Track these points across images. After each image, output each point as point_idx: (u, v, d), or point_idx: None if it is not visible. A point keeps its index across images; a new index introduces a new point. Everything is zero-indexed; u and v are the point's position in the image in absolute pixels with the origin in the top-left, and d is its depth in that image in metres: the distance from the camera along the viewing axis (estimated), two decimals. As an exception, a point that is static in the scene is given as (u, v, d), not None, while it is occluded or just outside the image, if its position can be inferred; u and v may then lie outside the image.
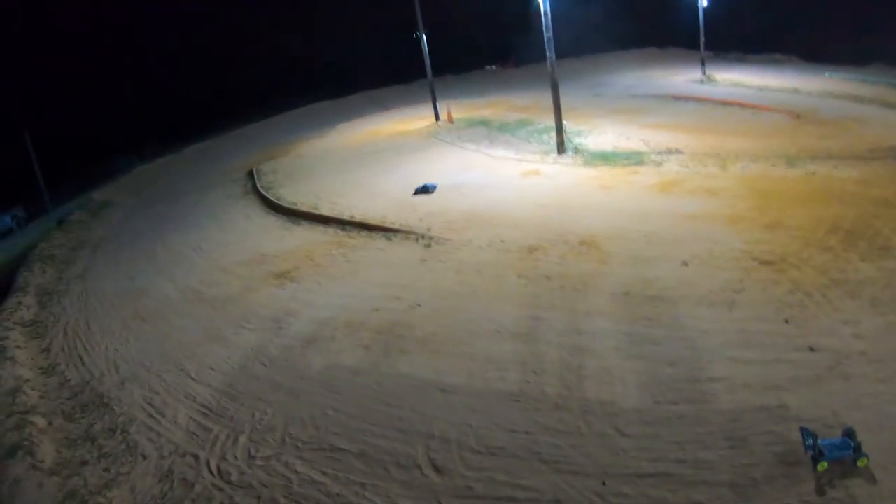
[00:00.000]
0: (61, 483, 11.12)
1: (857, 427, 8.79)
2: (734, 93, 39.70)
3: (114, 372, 14.99)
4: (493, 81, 59.69)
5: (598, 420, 10.15)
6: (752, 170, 21.99)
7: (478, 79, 64.03)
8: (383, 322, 14.47)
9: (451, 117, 39.64)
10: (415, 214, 21.25)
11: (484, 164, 27.29)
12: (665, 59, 59.04)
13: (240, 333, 15.41)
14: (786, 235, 16.05)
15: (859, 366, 10.60)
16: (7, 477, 11.39)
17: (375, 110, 52.22)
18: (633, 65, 57.12)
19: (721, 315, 12.72)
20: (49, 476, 11.34)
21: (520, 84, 52.51)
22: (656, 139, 27.97)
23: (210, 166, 42.10)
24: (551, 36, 25.76)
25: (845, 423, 9.02)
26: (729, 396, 10.26)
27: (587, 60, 59.94)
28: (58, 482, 11.15)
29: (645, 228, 17.49)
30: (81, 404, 13.89)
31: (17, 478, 11.31)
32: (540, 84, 39.24)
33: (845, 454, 8.49)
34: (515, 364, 12.03)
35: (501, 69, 66.84)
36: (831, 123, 28.92)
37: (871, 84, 40.43)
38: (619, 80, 50.01)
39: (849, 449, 8.51)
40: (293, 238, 21.81)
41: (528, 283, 15.24)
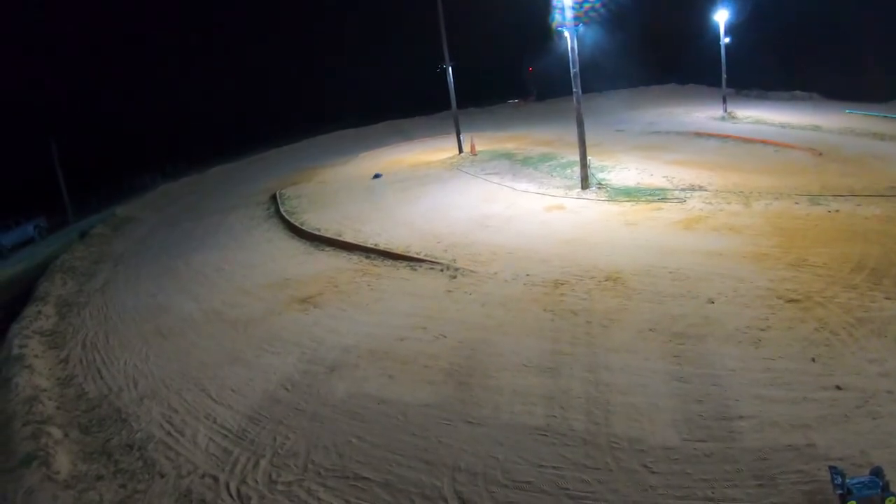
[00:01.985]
0: (76, 497, 11.20)
1: (885, 466, 8.76)
2: (756, 130, 39.80)
3: (132, 387, 15.14)
4: (515, 115, 60.25)
5: (625, 456, 10.15)
6: (775, 207, 22.01)
7: (500, 112, 64.64)
8: (408, 352, 14.56)
9: (474, 149, 40.01)
10: (439, 245, 21.44)
11: (508, 198, 27.47)
12: (686, 95, 59.33)
13: (262, 356, 15.54)
14: (810, 273, 16.05)
15: (886, 405, 10.56)
16: (21, 486, 11.45)
17: (399, 140, 52.87)
18: (654, 101, 57.43)
19: (747, 353, 12.70)
20: (64, 489, 11.41)
21: (541, 118, 53.00)
22: (679, 175, 28.07)
23: (234, 188, 42.66)
24: (577, 71, 26.05)
25: (873, 462, 9.00)
26: (757, 435, 10.23)
27: (609, 96, 60.39)
28: (73, 496, 11.23)
29: (670, 265, 17.53)
30: (99, 418, 14.01)
31: (31, 488, 11.37)
32: (561, 118, 39.68)
33: (874, 493, 8.44)
34: (542, 398, 12.06)
35: (523, 103, 67.47)
36: (853, 161, 28.92)
37: (892, 121, 40.38)
38: (641, 115, 50.26)
39: (877, 488, 8.47)
40: (316, 264, 22.02)
41: (555, 317, 15.30)
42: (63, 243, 35.40)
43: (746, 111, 47.69)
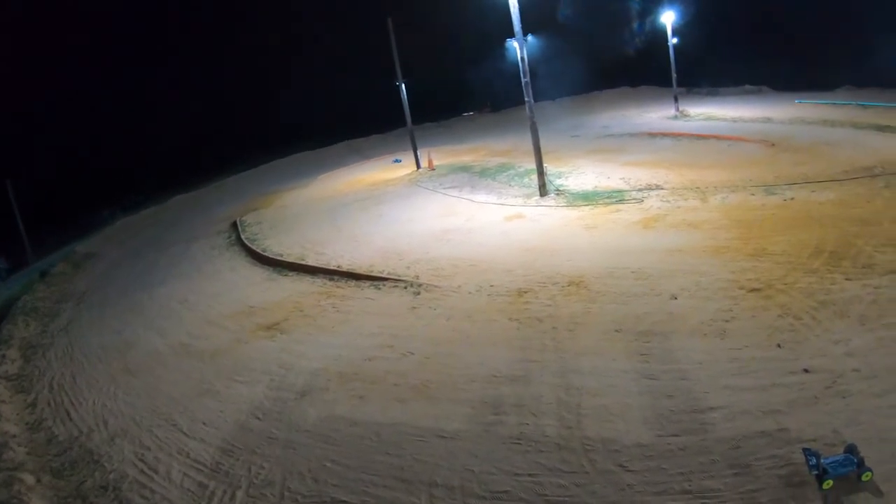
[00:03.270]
0: (53, 542, 10.93)
1: (858, 442, 8.99)
2: (708, 126, 40.73)
3: (103, 427, 14.85)
4: (471, 127, 60.78)
5: (600, 457, 10.20)
6: (731, 200, 22.47)
7: (456, 125, 65.18)
8: (377, 371, 14.52)
9: (431, 164, 40.29)
10: (402, 262, 21.46)
11: (467, 210, 27.65)
12: (638, 97, 60.36)
13: (231, 386, 15.37)
14: (770, 262, 16.40)
15: (854, 383, 10.81)
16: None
17: (357, 159, 53.08)
18: (607, 105, 58.38)
19: (714, 345, 12.90)
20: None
21: (498, 129, 53.54)
22: (636, 176, 28.51)
23: (194, 217, 42.34)
24: (529, 81, 26.37)
25: (846, 440, 9.22)
26: (729, 424, 10.37)
27: (562, 103, 61.23)
28: (49, 541, 10.97)
29: (631, 265, 17.75)
30: (71, 461, 13.70)
31: (7, 538, 11.09)
32: (517, 128, 40.11)
33: (849, 470, 8.64)
34: (513, 407, 12.08)
35: (479, 115, 68.03)
36: (805, 149, 29.67)
37: (840, 108, 41.58)
38: (595, 120, 51.05)
39: (852, 465, 8.67)
40: (281, 289, 21.90)
41: (520, 326, 15.37)
42: (24, 284, 34.83)
43: (698, 108, 48.75)
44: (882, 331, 12.32)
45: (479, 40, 52.32)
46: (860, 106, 41.45)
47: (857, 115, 37.90)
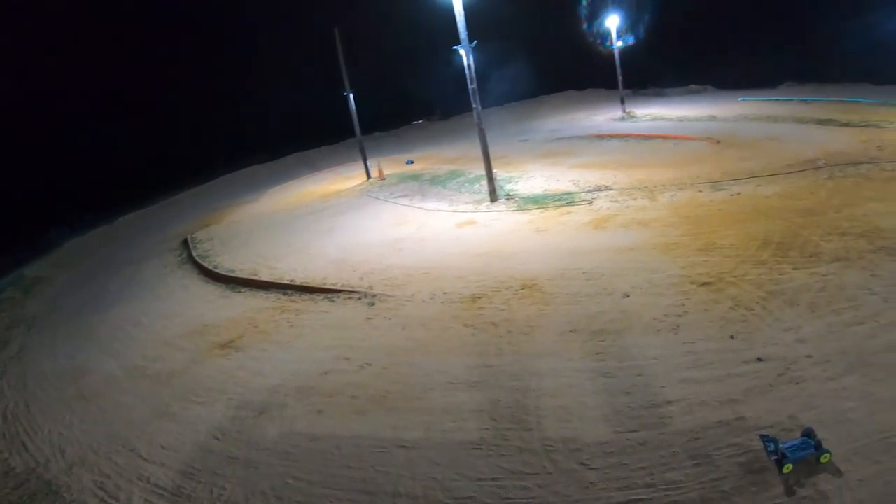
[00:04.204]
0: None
1: (815, 426, 9.35)
2: (655, 126, 41.50)
3: (60, 457, 14.48)
4: (421, 136, 60.97)
5: (562, 457, 10.32)
6: (679, 198, 22.94)
7: (405, 134, 65.31)
8: (335, 384, 14.44)
9: (382, 174, 40.28)
10: (355, 274, 21.38)
11: (419, 219, 27.67)
12: (585, 100, 61.26)
13: (189, 408, 15.12)
14: (720, 256, 16.83)
15: (807, 368, 11.19)
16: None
17: (307, 172, 52.79)
18: (555, 109, 59.09)
19: (668, 340, 13.16)
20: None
21: (448, 136, 53.82)
22: (585, 178, 28.90)
23: (144, 236, 41.56)
24: (476, 87, 26.57)
25: (803, 425, 9.56)
26: (687, 417, 10.59)
27: (511, 108, 61.83)
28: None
29: (583, 266, 17.99)
30: (29, 493, 13.30)
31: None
32: (466, 134, 40.44)
33: (808, 453, 8.94)
34: (472, 413, 12.14)
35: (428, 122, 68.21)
36: (750, 145, 30.50)
37: (783, 103, 42.93)
38: (544, 124, 51.65)
39: (810, 448, 8.98)
40: (234, 306, 21.64)
41: (476, 331, 15.44)
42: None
43: (645, 109, 49.67)
44: (831, 317, 12.80)
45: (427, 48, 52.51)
46: (802, 101, 42.85)
47: (800, 110, 39.20)
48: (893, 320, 12.44)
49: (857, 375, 10.85)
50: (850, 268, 14.88)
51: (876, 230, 16.97)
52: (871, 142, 27.52)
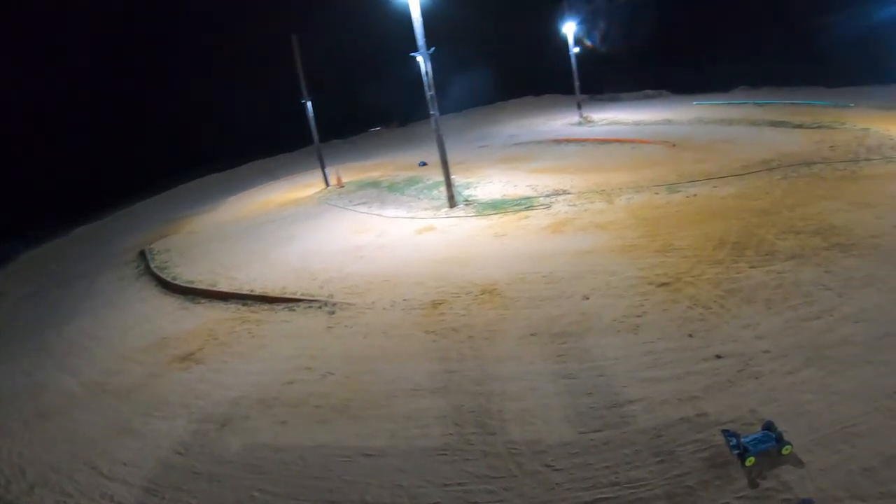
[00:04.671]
0: None
1: (775, 419, 9.63)
2: (612, 130, 42.22)
3: (20, 477, 14.09)
4: (379, 143, 60.98)
5: (527, 460, 10.38)
6: (636, 200, 23.32)
7: (363, 141, 65.24)
8: (297, 394, 14.33)
9: (340, 182, 40.19)
10: (315, 282, 21.25)
11: (378, 226, 27.63)
12: (543, 105, 61.91)
13: (150, 423, 14.85)
14: (677, 256, 17.16)
15: (766, 363, 11.50)
16: None
17: (265, 180, 52.30)
18: (513, 114, 59.58)
19: (628, 340, 13.35)
20: None
21: (405, 143, 53.92)
22: (543, 183, 29.17)
23: (101, 248, 40.77)
24: (433, 94, 26.69)
25: (763, 418, 9.81)
26: (649, 415, 10.75)
27: (469, 114, 62.16)
28: None
29: (543, 270, 18.16)
30: None
31: None
32: (424, 141, 40.47)
33: (769, 446, 9.18)
34: (436, 419, 12.15)
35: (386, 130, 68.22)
36: (705, 147, 31.16)
37: (737, 107, 43.99)
38: (502, 130, 52.05)
39: (771, 440, 9.21)
40: (194, 318, 21.34)
41: (437, 337, 15.46)
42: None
43: (601, 114, 50.41)
44: (788, 312, 13.18)
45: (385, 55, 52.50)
46: (756, 104, 43.96)
47: (753, 114, 40.35)
48: (848, 314, 12.86)
49: (814, 369, 11.17)
50: (804, 265, 15.30)
51: (829, 227, 17.49)
52: (823, 142, 28.37)
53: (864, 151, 26.08)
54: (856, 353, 11.51)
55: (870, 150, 26.24)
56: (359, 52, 63.06)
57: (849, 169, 23.65)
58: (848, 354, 11.49)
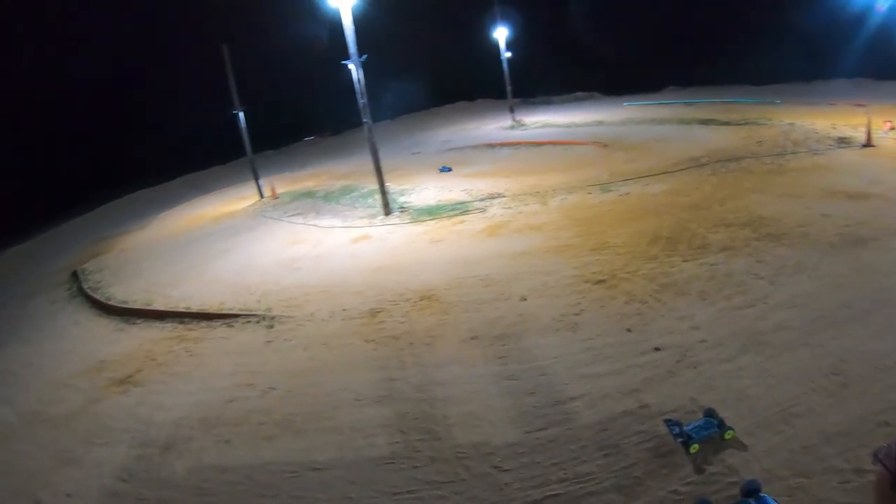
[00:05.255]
0: None
1: (716, 405, 9.93)
2: (544, 133, 42.98)
3: None
4: (313, 152, 60.50)
5: (475, 463, 10.43)
6: (570, 201, 23.79)
7: (297, 151, 64.69)
8: (240, 412, 14.12)
9: (274, 193, 39.76)
10: (252, 296, 21.00)
11: (314, 236, 27.46)
12: (476, 110, 62.49)
13: (92, 451, 14.41)
14: (612, 254, 17.57)
15: (703, 353, 11.86)
16: None
17: (198, 194, 51.31)
18: (446, 120, 59.97)
19: (567, 338, 13.57)
20: None
21: (339, 152, 53.70)
22: (478, 187, 29.49)
23: (29, 271, 39.37)
24: (366, 101, 26.73)
25: (704, 405, 10.10)
26: (592, 410, 10.93)
27: (402, 121, 62.32)
28: None
29: (480, 273, 18.33)
30: None
31: None
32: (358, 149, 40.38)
33: (712, 432, 9.44)
34: (381, 428, 12.12)
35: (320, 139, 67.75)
36: (636, 147, 32.01)
37: (666, 106, 45.31)
38: (435, 136, 52.30)
39: (713, 427, 9.49)
40: (130, 339, 20.82)
41: (378, 346, 15.45)
42: None
43: (534, 117, 51.20)
44: (722, 302, 13.65)
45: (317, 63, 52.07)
46: (685, 103, 45.34)
47: (683, 112, 41.70)
48: (780, 301, 13.41)
49: (751, 355, 11.59)
50: (736, 256, 15.87)
51: (759, 219, 18.17)
52: (750, 138, 29.44)
53: (790, 145, 27.19)
54: (790, 338, 11.98)
55: (795, 143, 27.36)
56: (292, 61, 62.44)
57: (776, 163, 24.61)
58: (783, 339, 11.95)
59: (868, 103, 32.39)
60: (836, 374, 10.69)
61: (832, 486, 8.40)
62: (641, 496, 8.92)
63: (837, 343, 11.66)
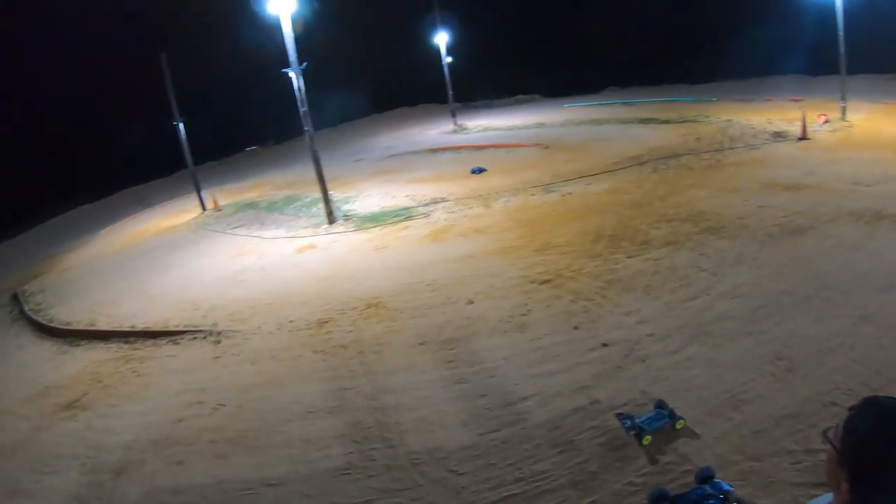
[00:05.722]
0: None
1: (665, 396, 10.14)
2: (486, 136, 43.34)
3: None
4: (255, 162, 59.78)
5: (430, 468, 10.43)
6: (513, 203, 24.07)
7: (239, 162, 63.83)
8: (191, 431, 13.83)
9: (217, 205, 39.12)
10: (198, 312, 20.65)
11: (258, 248, 27.14)
12: (417, 115, 62.61)
13: (41, 480, 13.95)
14: (556, 254, 17.81)
15: (650, 346, 12.13)
16: None
17: (140, 208, 50.23)
18: (388, 126, 59.91)
19: (515, 339, 13.70)
20: None
21: (282, 161, 53.24)
22: (421, 192, 29.52)
23: None
24: (307, 110, 26.62)
25: (654, 397, 10.30)
26: (544, 409, 11.03)
27: (344, 129, 62.05)
28: None
29: (426, 278, 18.39)
30: None
31: None
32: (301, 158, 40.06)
33: (663, 423, 9.64)
34: (335, 439, 12.03)
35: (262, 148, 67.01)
36: (577, 147, 32.50)
37: (606, 107, 46.23)
38: (378, 142, 52.22)
39: (664, 418, 9.69)
40: (75, 362, 20.25)
41: (326, 356, 15.36)
42: None
43: (476, 121, 51.61)
44: (667, 296, 13.99)
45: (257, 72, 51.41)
46: (624, 104, 46.31)
47: (622, 112, 42.64)
48: (723, 291, 13.84)
49: (697, 345, 11.90)
50: (679, 250, 16.25)
51: (699, 213, 18.63)
52: (689, 135, 30.20)
53: (727, 141, 28.03)
54: (735, 327, 12.36)
55: (733, 139, 28.19)
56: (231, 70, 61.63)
57: (714, 158, 25.30)
58: (727, 328, 12.32)
59: (803, 98, 33.73)
60: (781, 360, 11.05)
61: (784, 467, 8.64)
62: (597, 490, 9.02)
63: (781, 329, 12.06)
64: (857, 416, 2.55)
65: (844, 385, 10.10)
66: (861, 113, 30.33)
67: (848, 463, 2.49)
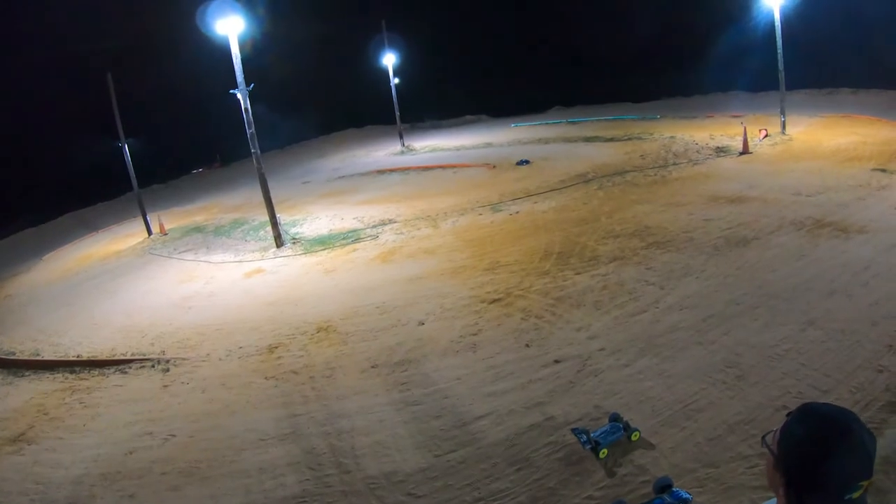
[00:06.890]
0: None
1: (619, 409, 10.31)
2: (434, 157, 43.70)
3: None
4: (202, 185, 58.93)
5: (388, 492, 10.35)
6: (461, 223, 24.29)
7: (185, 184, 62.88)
8: (141, 463, 13.47)
9: (163, 229, 38.41)
10: (145, 339, 20.23)
11: (206, 273, 26.72)
12: (365, 137, 62.60)
13: None
14: (506, 272, 17.99)
15: (602, 360, 12.32)
16: None
17: (84, 232, 48.96)
18: (336, 148, 59.82)
19: (467, 359, 13.75)
20: None
21: (229, 183, 52.58)
22: (369, 214, 29.51)
23: None
24: (254, 132, 26.44)
25: (608, 411, 10.45)
26: (499, 427, 11.07)
27: (292, 151, 61.71)
28: None
29: (375, 301, 18.35)
30: None
31: None
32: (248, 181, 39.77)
33: (618, 436, 9.78)
34: (289, 466, 11.86)
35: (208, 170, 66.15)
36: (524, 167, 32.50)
37: (552, 126, 47.07)
38: (325, 164, 52.10)
39: (619, 430, 9.84)
40: (20, 393, 19.60)
41: (278, 382, 15.18)
42: None
43: (423, 142, 51.80)
44: (616, 311, 14.26)
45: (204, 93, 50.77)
46: (570, 123, 47.22)
47: (568, 131, 43.53)
48: (672, 304, 14.18)
49: (648, 357, 12.14)
50: (626, 265, 16.56)
51: (645, 228, 19.05)
52: (634, 152, 30.90)
53: (671, 157, 28.73)
54: (684, 338, 12.67)
55: (677, 155, 28.91)
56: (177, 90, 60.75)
57: (659, 174, 25.92)
58: (677, 340, 12.61)
59: (744, 114, 34.72)
60: (731, 367, 11.35)
61: (740, 472, 8.82)
62: (558, 505, 9.11)
63: (729, 338, 12.41)
64: (793, 421, 2.65)
65: (794, 389, 10.42)
66: (800, 126, 31.42)
67: (784, 467, 2.58)
